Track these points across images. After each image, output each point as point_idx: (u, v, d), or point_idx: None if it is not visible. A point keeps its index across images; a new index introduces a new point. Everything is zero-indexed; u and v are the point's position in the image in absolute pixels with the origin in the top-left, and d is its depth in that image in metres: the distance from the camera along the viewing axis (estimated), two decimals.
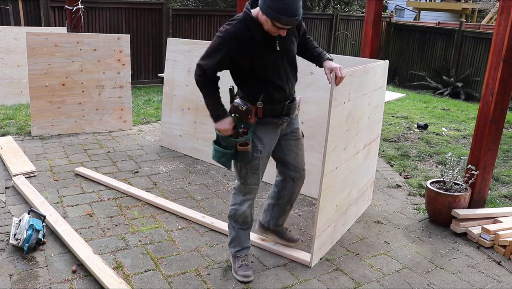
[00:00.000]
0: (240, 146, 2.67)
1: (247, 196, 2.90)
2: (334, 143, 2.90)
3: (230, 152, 2.70)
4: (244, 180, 2.84)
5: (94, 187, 4.21)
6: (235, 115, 2.69)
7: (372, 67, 3.36)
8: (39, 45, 5.37)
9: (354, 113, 3.15)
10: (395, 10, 23.85)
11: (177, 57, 5.15)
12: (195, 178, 4.57)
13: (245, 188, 2.87)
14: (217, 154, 2.74)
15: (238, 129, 2.68)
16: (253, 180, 2.83)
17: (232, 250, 2.99)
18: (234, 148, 2.69)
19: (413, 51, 12.03)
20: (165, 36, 9.34)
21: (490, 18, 19.51)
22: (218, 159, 2.75)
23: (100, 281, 2.76)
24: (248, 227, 3.00)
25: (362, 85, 3.21)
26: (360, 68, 3.12)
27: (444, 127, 7.28)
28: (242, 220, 2.94)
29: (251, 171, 2.79)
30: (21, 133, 5.65)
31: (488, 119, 3.71)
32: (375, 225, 3.78)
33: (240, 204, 2.91)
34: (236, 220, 2.95)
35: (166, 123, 5.43)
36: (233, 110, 2.70)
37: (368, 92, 3.37)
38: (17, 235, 3.06)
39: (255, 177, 2.83)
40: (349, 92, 2.98)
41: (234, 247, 2.98)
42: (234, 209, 2.93)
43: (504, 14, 3.56)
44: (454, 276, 3.09)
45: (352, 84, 3.00)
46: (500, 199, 4.43)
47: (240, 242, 2.97)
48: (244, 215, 2.93)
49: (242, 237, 2.97)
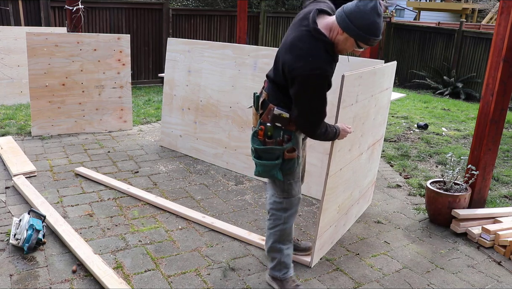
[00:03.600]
0: (288, 152, 2.52)
1: (290, 211, 2.68)
2: (340, 144, 2.89)
3: (279, 162, 2.52)
4: (288, 193, 2.64)
5: (94, 187, 4.21)
6: (272, 124, 2.50)
7: (380, 69, 3.34)
8: (39, 45, 5.37)
9: (360, 115, 3.14)
10: (395, 10, 23.84)
11: (177, 57, 5.15)
12: (195, 178, 4.57)
13: (288, 202, 2.66)
14: (266, 168, 2.53)
15: (276, 138, 2.51)
16: (297, 189, 2.66)
17: (277, 274, 2.75)
18: (282, 157, 2.52)
19: (413, 51, 12.03)
20: (165, 36, 9.35)
21: (490, 18, 19.52)
22: (268, 173, 2.55)
23: (100, 281, 2.76)
24: (292, 244, 2.80)
25: (369, 87, 3.20)
26: (369, 69, 3.11)
27: (444, 127, 7.28)
28: (289, 239, 2.73)
29: (294, 180, 2.62)
30: (21, 133, 5.65)
31: (488, 119, 3.71)
32: (375, 225, 3.78)
33: (284, 222, 2.67)
34: (284, 242, 2.71)
35: (166, 123, 5.43)
36: (274, 119, 2.49)
37: (375, 94, 3.36)
38: (17, 235, 3.06)
39: (298, 185, 2.67)
40: (357, 94, 2.97)
41: (280, 271, 2.75)
42: (279, 231, 2.68)
43: (504, 14, 3.56)
44: (454, 276, 3.09)
45: (361, 86, 3.00)
46: (500, 199, 4.43)
47: (286, 264, 2.75)
48: (290, 232, 2.72)
49: (289, 257, 2.76)
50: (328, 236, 3.20)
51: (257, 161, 2.55)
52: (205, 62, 4.89)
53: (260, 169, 2.56)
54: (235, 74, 4.63)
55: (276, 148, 2.50)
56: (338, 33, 2.32)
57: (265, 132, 2.51)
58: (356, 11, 2.23)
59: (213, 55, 4.80)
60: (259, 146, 2.52)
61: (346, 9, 2.26)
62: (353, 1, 2.27)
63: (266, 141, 2.52)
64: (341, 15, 2.27)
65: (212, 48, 4.83)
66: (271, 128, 2.50)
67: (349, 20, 2.24)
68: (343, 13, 2.26)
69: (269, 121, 2.50)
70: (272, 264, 2.78)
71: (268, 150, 2.51)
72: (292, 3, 12.82)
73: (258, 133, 2.54)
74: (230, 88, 4.69)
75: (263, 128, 2.51)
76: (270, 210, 2.73)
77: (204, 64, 4.90)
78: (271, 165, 2.52)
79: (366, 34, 2.25)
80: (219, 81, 4.77)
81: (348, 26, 2.25)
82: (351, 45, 2.34)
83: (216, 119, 4.86)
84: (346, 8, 2.27)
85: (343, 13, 2.27)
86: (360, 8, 2.22)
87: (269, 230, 2.74)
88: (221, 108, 4.80)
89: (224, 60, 4.70)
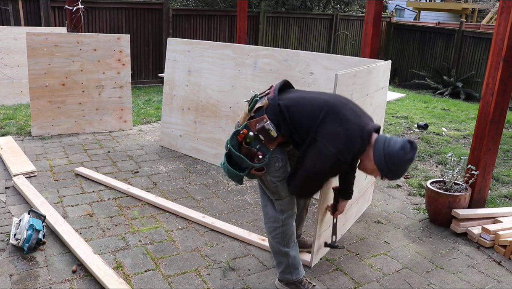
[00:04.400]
0: (256, 170, 2.47)
1: (287, 213, 2.60)
2: None
3: (244, 174, 2.48)
4: (278, 195, 2.56)
5: (94, 187, 4.21)
6: (255, 134, 2.43)
7: (375, 68, 3.35)
8: (39, 45, 5.37)
9: None
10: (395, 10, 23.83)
11: (177, 57, 5.15)
12: (195, 178, 4.57)
13: (281, 204, 2.58)
14: (229, 173, 2.50)
15: (252, 148, 2.44)
16: (285, 190, 2.56)
17: (289, 277, 2.69)
18: (248, 170, 2.47)
19: (413, 51, 12.03)
20: (165, 36, 9.35)
21: (490, 18, 19.52)
22: (229, 176, 2.54)
23: (100, 281, 2.76)
24: (296, 244, 2.74)
25: (365, 86, 3.20)
26: (363, 68, 3.12)
27: (444, 127, 7.28)
28: (292, 239, 2.67)
29: (279, 181, 2.53)
30: (21, 133, 5.65)
31: (488, 119, 3.71)
32: (375, 225, 3.78)
33: (283, 224, 2.59)
34: (287, 244, 2.64)
35: (166, 123, 5.43)
36: (261, 131, 2.42)
37: (371, 93, 3.37)
38: (17, 235, 3.06)
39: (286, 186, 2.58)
40: (352, 93, 2.98)
41: (291, 274, 2.69)
42: (280, 233, 2.61)
43: (504, 14, 3.56)
44: (454, 276, 3.09)
45: (355, 85, 3.00)
46: (500, 199, 4.43)
47: (295, 265, 2.69)
48: (293, 233, 2.65)
49: (297, 259, 2.71)
50: (328, 236, 3.19)
51: (225, 162, 2.49)
52: (205, 62, 4.89)
53: (224, 168, 2.52)
54: (235, 74, 4.63)
55: (247, 161, 2.43)
56: (369, 158, 2.38)
57: (245, 137, 2.44)
58: (395, 156, 2.30)
59: (213, 55, 4.80)
60: (234, 148, 2.45)
61: (387, 149, 2.31)
62: (398, 144, 2.31)
63: (242, 145, 2.45)
64: (380, 152, 2.33)
65: (212, 48, 4.83)
66: (251, 137, 2.43)
67: (385, 161, 2.32)
68: (382, 152, 2.32)
69: (255, 130, 2.43)
70: (281, 268, 2.71)
71: (239, 158, 2.44)
72: (292, 3, 12.82)
73: (238, 134, 2.46)
74: (230, 88, 4.69)
75: (245, 133, 2.44)
76: (265, 218, 2.66)
77: (204, 64, 4.90)
78: (234, 174, 2.48)
79: (393, 176, 2.38)
80: (219, 81, 4.77)
81: (381, 164, 2.33)
82: (373, 171, 2.42)
83: (216, 119, 4.86)
84: (387, 148, 2.31)
85: (382, 151, 2.32)
86: (399, 156, 2.30)
87: (269, 234, 2.67)
88: (221, 108, 4.80)
89: (224, 60, 4.70)
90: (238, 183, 2.57)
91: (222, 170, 4.77)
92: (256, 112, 2.48)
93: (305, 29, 11.90)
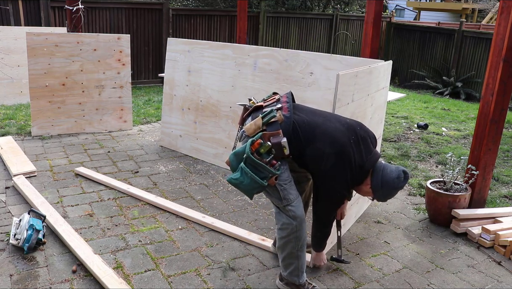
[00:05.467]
0: (275, 178, 2.46)
1: (299, 218, 2.58)
2: None
3: (263, 184, 2.41)
4: (287, 199, 2.54)
5: (94, 187, 4.21)
6: (269, 145, 2.42)
7: (376, 68, 3.35)
8: (39, 45, 5.37)
9: (357, 114, 3.15)
10: (395, 10, 23.83)
11: (177, 57, 5.15)
12: (195, 178, 4.57)
13: (291, 210, 2.55)
14: (250, 184, 2.40)
15: (264, 159, 2.40)
16: (293, 192, 2.57)
17: (296, 279, 2.70)
18: (267, 180, 2.43)
19: (413, 51, 12.02)
20: (165, 36, 9.35)
21: (490, 18, 19.51)
22: (245, 189, 2.44)
23: (100, 281, 2.76)
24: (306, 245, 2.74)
25: (366, 86, 3.20)
26: (364, 69, 3.12)
27: (444, 127, 7.28)
28: (305, 243, 2.67)
29: (285, 183, 2.53)
30: (21, 133, 5.65)
31: (488, 119, 3.71)
32: (375, 225, 3.78)
33: (297, 230, 2.58)
34: (302, 248, 2.64)
35: (166, 123, 5.43)
36: (275, 146, 2.43)
37: (372, 93, 3.37)
38: (17, 235, 3.06)
39: (293, 187, 2.58)
40: (353, 93, 2.98)
41: (298, 276, 2.70)
42: (294, 238, 2.59)
43: (504, 14, 3.56)
44: (454, 276, 3.09)
45: (356, 85, 3.00)
46: (500, 199, 4.43)
47: (302, 268, 2.70)
48: (306, 236, 2.65)
49: (305, 263, 2.72)
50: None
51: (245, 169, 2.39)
52: (205, 62, 4.89)
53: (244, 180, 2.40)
54: (235, 74, 4.63)
55: (268, 168, 2.39)
56: (365, 184, 2.64)
57: (260, 147, 2.41)
58: (391, 184, 2.58)
59: (213, 55, 4.80)
60: (252, 156, 2.39)
61: (384, 178, 2.58)
62: (394, 174, 2.58)
63: (254, 155, 2.40)
64: (378, 180, 2.59)
65: (212, 48, 4.83)
66: (266, 148, 2.41)
67: (381, 187, 2.59)
68: (380, 179, 2.59)
69: (269, 141, 2.44)
70: (289, 270, 2.69)
71: (259, 166, 2.39)
72: (292, 3, 12.82)
73: (254, 144, 2.41)
74: (230, 88, 4.69)
75: (260, 143, 2.41)
76: (279, 224, 2.63)
77: (204, 64, 4.90)
78: (258, 184, 2.39)
79: (384, 199, 2.71)
80: (219, 81, 4.77)
81: (377, 189, 2.61)
82: (367, 193, 2.70)
83: (216, 119, 4.86)
84: (385, 177, 2.58)
85: (380, 179, 2.59)
86: (394, 183, 2.58)
87: (283, 239, 2.62)
88: (221, 108, 4.80)
89: (224, 60, 4.70)
90: (251, 196, 2.50)
91: (222, 169, 4.78)
92: (270, 128, 2.47)
93: (305, 29, 11.90)
